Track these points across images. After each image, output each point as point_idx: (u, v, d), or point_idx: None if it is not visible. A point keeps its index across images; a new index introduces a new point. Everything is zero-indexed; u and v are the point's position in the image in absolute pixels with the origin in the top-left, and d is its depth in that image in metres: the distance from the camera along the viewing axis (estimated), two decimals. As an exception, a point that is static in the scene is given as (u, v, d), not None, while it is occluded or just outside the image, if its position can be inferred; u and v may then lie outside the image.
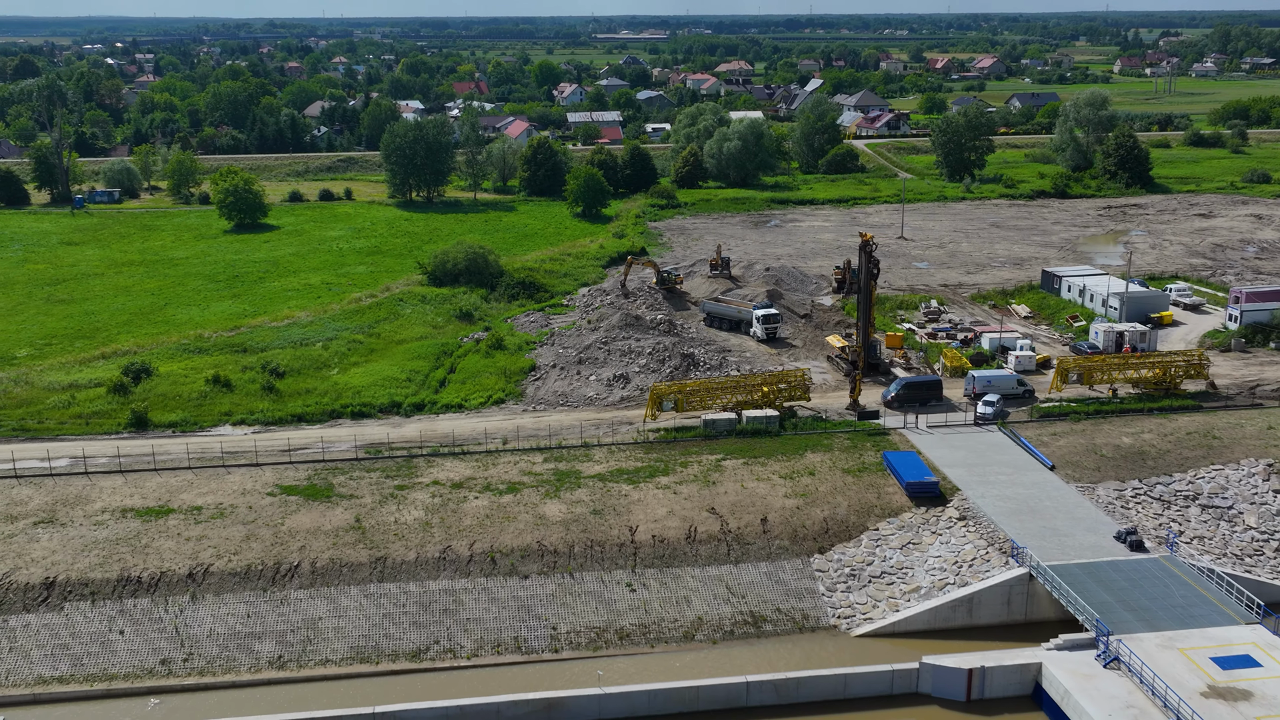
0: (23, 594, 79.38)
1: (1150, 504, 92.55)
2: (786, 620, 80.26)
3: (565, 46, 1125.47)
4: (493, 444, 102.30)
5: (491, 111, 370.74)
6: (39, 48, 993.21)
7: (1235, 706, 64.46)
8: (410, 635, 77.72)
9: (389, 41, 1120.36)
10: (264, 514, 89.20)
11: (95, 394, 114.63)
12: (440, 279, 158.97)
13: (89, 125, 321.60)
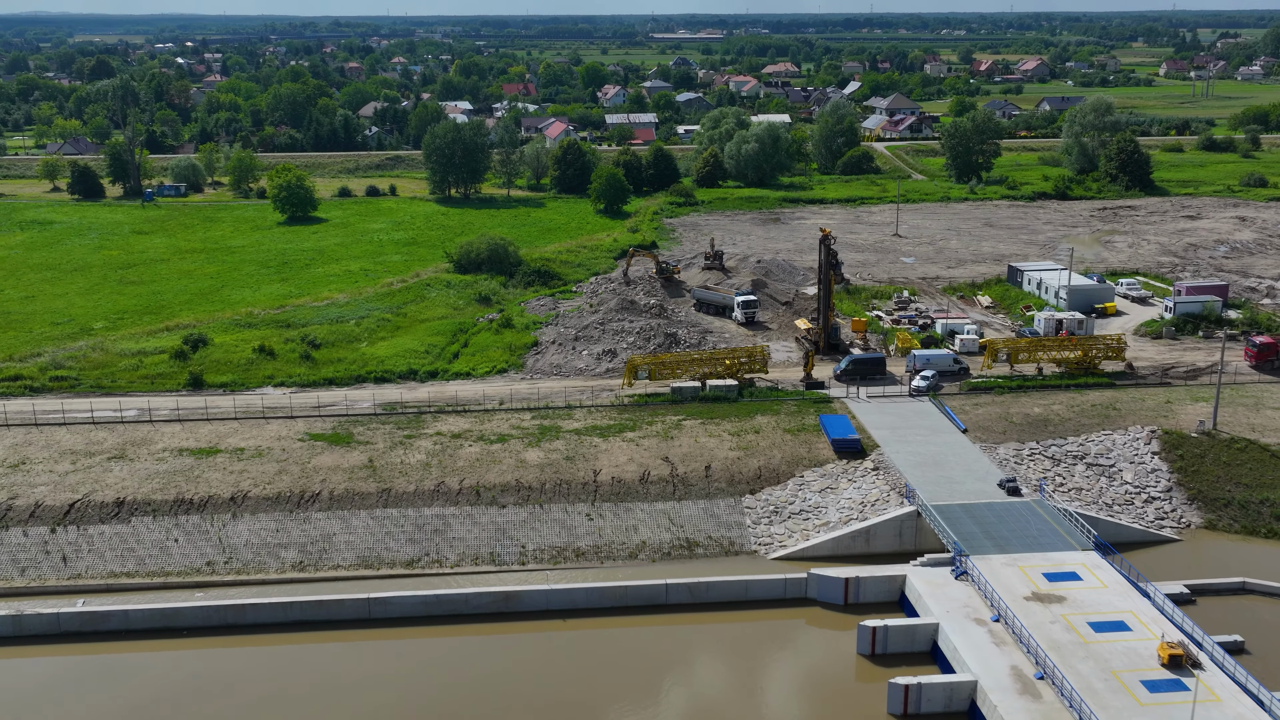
0: (99, 510, 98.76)
1: (1042, 461, 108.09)
2: (716, 546, 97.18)
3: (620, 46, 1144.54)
4: (490, 404, 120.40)
5: (535, 113, 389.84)
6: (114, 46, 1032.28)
7: (1048, 607, 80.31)
8: (405, 548, 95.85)
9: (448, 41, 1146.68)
10: (294, 454, 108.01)
11: (159, 359, 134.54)
12: (465, 267, 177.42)
13: (159, 124, 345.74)
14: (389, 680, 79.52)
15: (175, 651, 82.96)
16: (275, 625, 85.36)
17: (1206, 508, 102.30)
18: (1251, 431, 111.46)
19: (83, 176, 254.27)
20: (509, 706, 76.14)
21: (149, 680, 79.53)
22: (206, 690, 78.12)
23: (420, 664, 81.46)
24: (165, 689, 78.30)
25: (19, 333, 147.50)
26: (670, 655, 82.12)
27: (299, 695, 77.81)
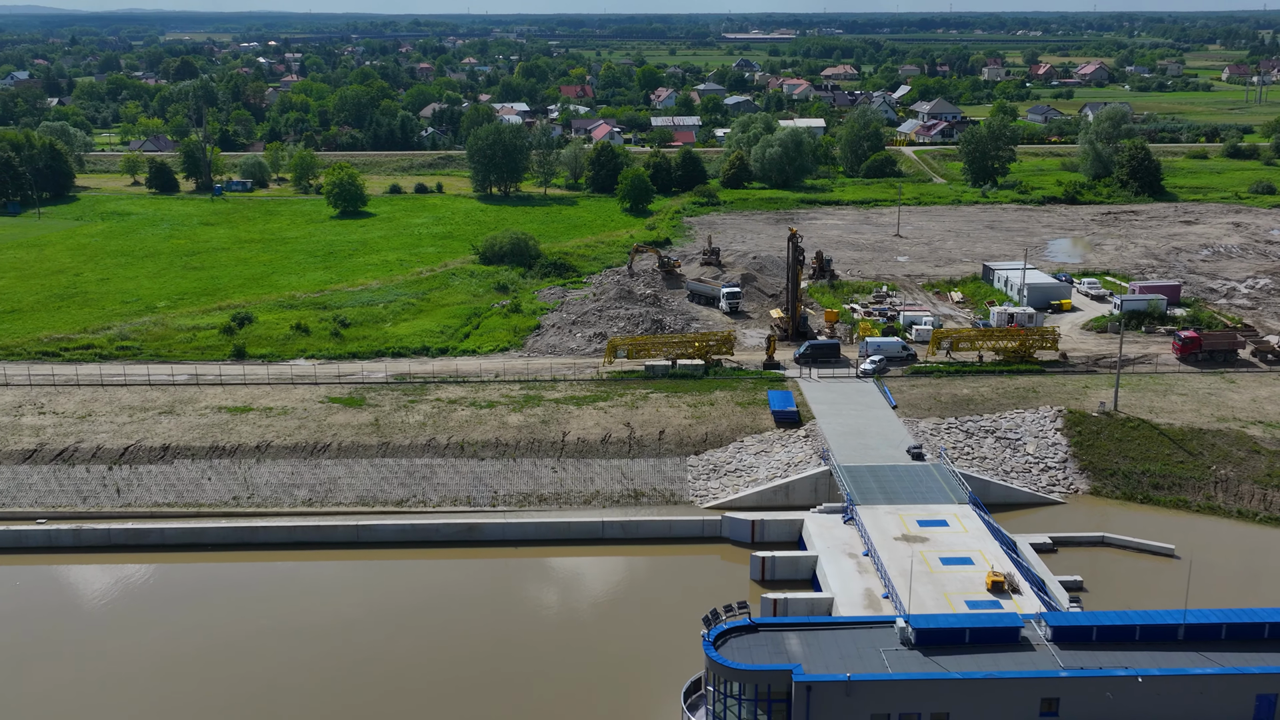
0: (148, 453, 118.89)
1: (956, 434, 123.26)
2: (658, 496, 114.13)
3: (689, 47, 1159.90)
4: (487, 377, 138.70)
5: (585, 114, 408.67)
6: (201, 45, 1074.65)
7: (911, 545, 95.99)
8: (397, 491, 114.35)
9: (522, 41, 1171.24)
10: (313, 413, 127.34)
11: (210, 334, 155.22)
12: (489, 258, 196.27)
13: (233, 123, 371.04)
14: (369, 588, 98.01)
15: (200, 564, 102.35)
16: (281, 544, 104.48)
17: (1094, 477, 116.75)
18: (1149, 413, 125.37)
19: (159, 172, 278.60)
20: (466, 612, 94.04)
21: (179, 581, 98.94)
22: (223, 589, 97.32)
23: (395, 577, 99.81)
24: (193, 588, 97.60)
25: (94, 309, 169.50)
26: (600, 575, 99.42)
27: (296, 594, 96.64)
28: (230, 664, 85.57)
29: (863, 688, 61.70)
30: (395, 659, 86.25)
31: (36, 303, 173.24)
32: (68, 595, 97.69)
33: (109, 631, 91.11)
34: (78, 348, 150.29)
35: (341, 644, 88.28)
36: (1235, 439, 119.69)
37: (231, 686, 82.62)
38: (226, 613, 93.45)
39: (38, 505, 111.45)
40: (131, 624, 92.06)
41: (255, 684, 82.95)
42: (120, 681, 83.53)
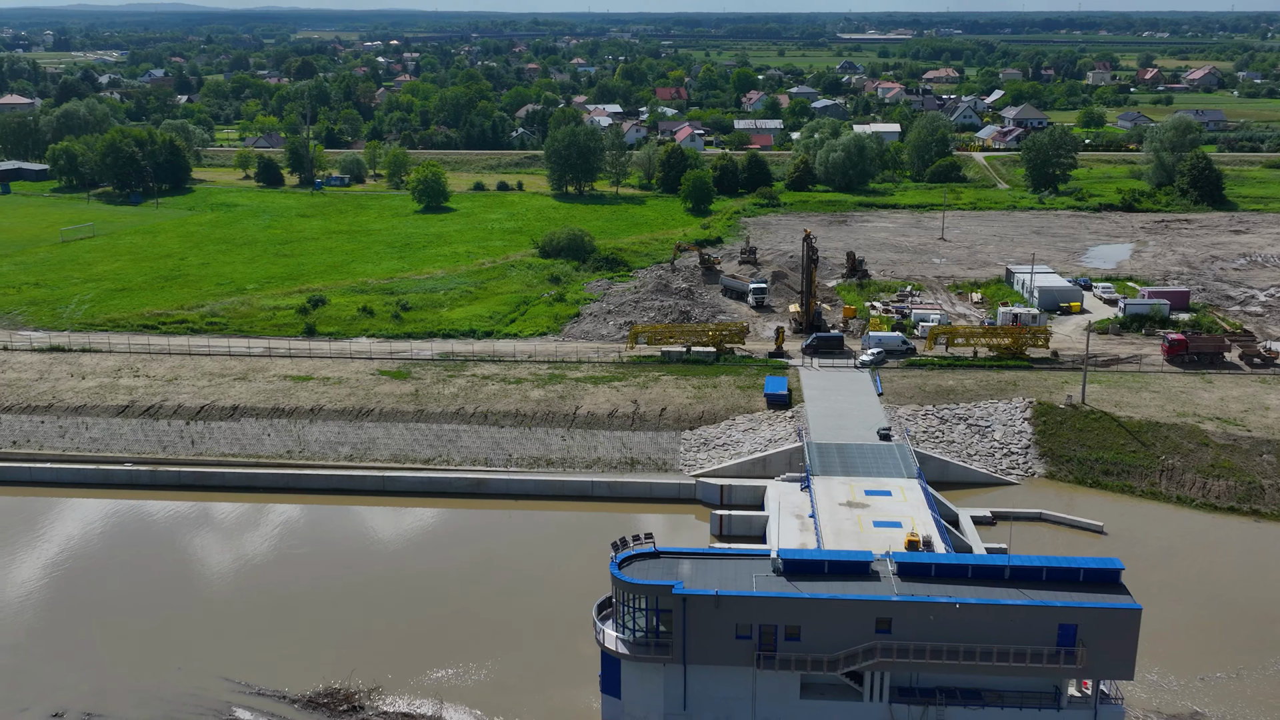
0: (220, 412, 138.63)
1: (931, 420, 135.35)
2: (652, 464, 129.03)
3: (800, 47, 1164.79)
4: (521, 357, 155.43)
5: (673, 117, 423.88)
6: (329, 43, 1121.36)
7: (853, 510, 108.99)
8: (425, 451, 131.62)
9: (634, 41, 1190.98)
10: (363, 383, 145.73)
11: (288, 313, 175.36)
12: (548, 252, 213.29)
13: (340, 122, 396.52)
14: (390, 527, 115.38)
15: (253, 503, 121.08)
16: (321, 490, 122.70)
17: (1052, 462, 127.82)
18: (1114, 407, 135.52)
19: (266, 167, 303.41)
20: (462, 547, 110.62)
21: (234, 515, 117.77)
22: (270, 523, 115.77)
23: (412, 520, 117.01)
24: (244, 521, 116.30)
25: (192, 290, 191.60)
26: (581, 526, 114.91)
27: (328, 529, 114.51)
28: (268, 578, 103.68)
29: (728, 602, 75.87)
30: (401, 578, 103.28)
31: (144, 283, 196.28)
32: (141, 523, 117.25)
33: (170, 550, 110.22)
34: (174, 322, 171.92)
35: (359, 566, 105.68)
36: (1189, 432, 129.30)
37: (267, 594, 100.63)
38: (269, 540, 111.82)
39: (125, 451, 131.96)
40: (187, 546, 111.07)
41: (286, 593, 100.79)
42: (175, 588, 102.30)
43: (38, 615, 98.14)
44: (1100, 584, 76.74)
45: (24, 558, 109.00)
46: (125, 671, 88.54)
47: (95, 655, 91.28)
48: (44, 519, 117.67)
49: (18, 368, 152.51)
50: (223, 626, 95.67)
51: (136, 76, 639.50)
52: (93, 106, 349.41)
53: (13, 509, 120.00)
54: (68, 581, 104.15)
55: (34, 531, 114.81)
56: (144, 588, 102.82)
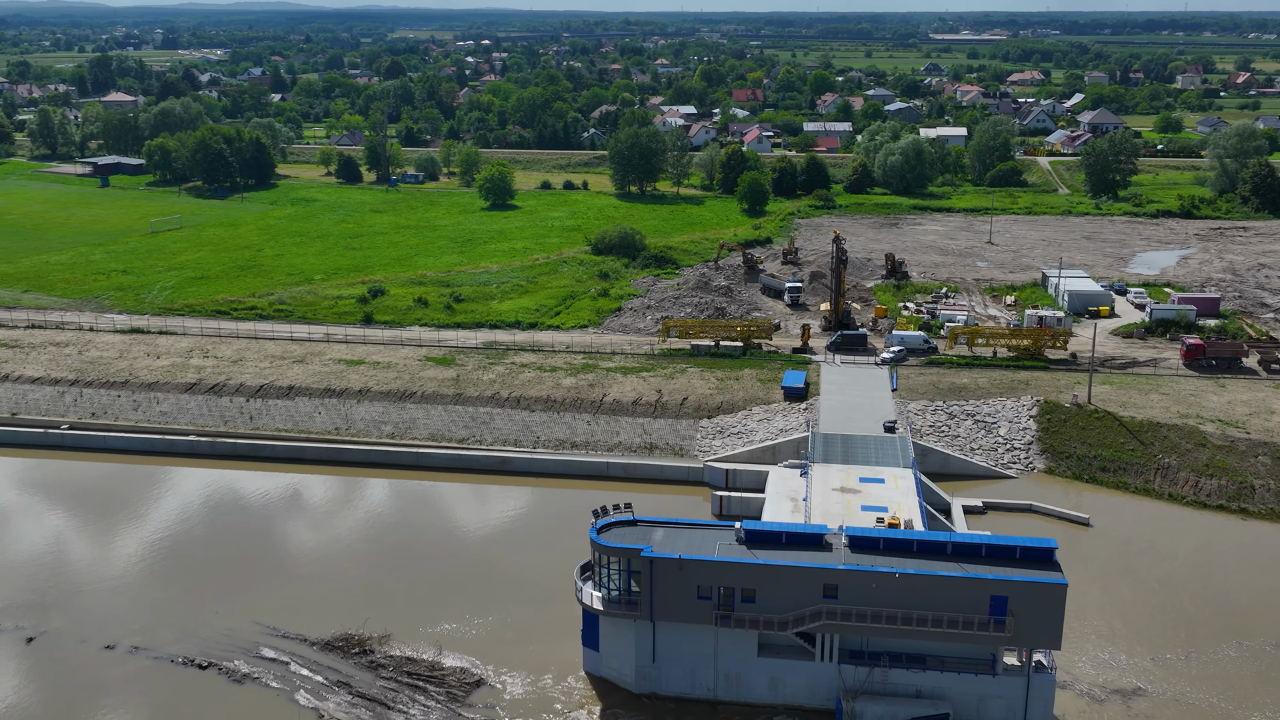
0: (277, 391, 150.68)
1: (940, 415, 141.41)
2: (669, 449, 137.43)
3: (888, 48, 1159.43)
4: (559, 348, 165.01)
5: (743, 119, 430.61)
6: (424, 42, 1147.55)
7: (844, 495, 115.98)
8: (460, 431, 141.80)
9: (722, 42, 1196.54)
10: (410, 369, 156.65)
11: (349, 302, 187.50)
12: (600, 249, 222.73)
13: (422, 121, 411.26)
14: (419, 498, 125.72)
15: (300, 474, 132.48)
16: (362, 463, 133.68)
17: (1052, 458, 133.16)
18: (1119, 407, 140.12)
19: (346, 164, 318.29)
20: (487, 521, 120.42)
21: (283, 484, 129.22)
22: (314, 491, 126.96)
23: (440, 493, 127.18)
24: (292, 490, 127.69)
25: (264, 279, 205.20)
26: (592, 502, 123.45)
27: (366, 497, 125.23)
28: (303, 538, 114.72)
29: (691, 565, 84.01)
30: (421, 542, 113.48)
31: (221, 272, 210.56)
32: (198, 488, 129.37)
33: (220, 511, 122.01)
34: (244, 308, 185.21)
35: (386, 530, 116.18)
36: (1188, 433, 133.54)
37: (300, 551, 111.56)
38: (309, 506, 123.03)
39: (190, 424, 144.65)
40: (235, 507, 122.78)
41: (317, 551, 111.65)
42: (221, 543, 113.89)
43: (103, 563, 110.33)
44: (1035, 561, 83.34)
45: (95, 514, 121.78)
46: (170, 612, 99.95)
47: (147, 598, 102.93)
48: (114, 482, 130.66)
49: (101, 347, 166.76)
50: (259, 577, 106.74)
51: (236, 75, 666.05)
52: (188, 105, 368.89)
53: (88, 473, 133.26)
54: (130, 535, 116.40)
55: (105, 492, 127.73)
56: (194, 542, 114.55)
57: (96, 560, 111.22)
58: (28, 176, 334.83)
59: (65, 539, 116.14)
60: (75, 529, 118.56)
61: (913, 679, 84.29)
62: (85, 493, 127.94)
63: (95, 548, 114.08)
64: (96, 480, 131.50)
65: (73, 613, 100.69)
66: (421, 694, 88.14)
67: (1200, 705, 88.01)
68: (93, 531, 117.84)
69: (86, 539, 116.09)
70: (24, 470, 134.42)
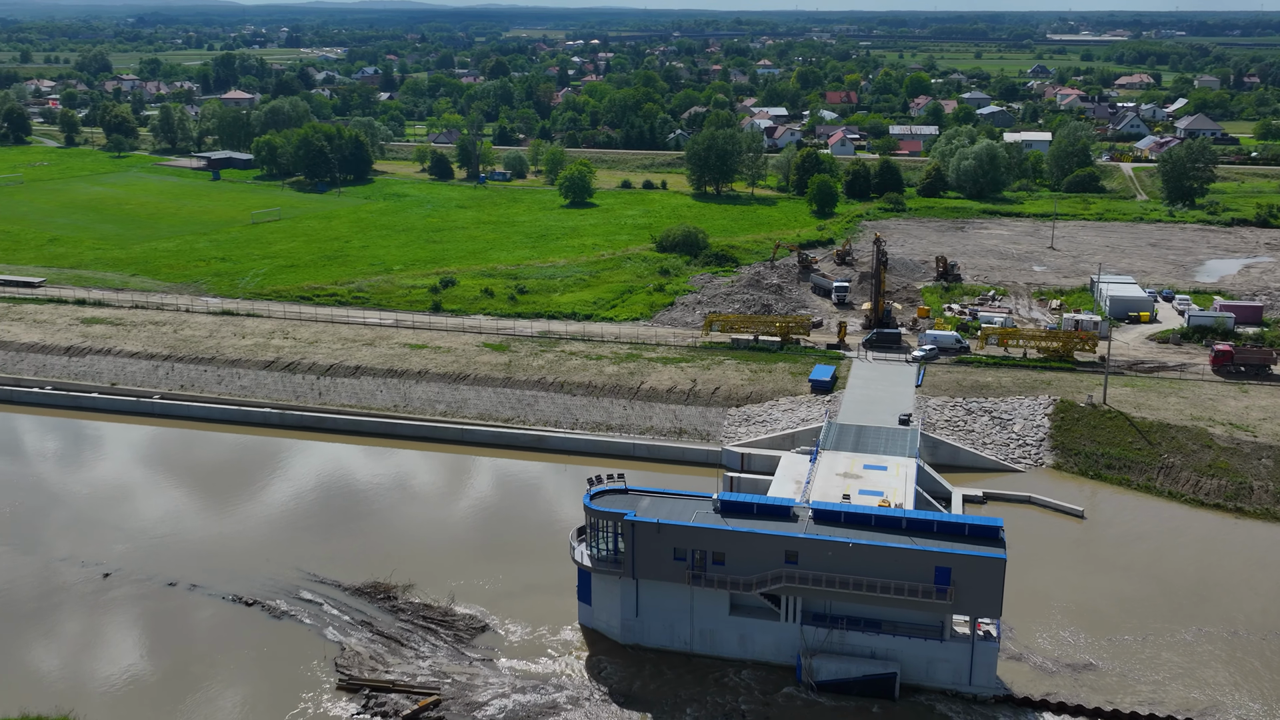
0: (345, 370, 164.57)
1: (958, 411, 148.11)
2: (697, 434, 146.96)
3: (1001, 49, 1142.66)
4: (608, 338, 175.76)
5: (831, 121, 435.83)
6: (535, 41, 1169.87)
7: (845, 479, 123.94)
8: (506, 412, 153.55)
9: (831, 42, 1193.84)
10: (467, 354, 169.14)
11: (421, 291, 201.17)
12: (664, 247, 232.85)
13: (516, 121, 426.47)
14: (460, 470, 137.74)
15: (359, 445, 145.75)
16: (414, 437, 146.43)
17: (1061, 454, 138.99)
18: (1133, 408, 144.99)
19: (438, 162, 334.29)
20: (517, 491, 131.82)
21: (342, 453, 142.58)
22: (368, 460, 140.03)
23: (480, 465, 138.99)
24: (350, 459, 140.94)
25: (347, 268, 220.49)
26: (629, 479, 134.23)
27: (413, 467, 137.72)
28: (350, 499, 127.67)
29: (667, 529, 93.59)
30: (453, 507, 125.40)
31: (310, 261, 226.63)
32: (268, 453, 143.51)
33: (282, 474, 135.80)
34: (326, 295, 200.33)
35: (424, 495, 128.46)
36: (1195, 435, 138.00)
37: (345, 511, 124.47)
38: (361, 472, 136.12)
39: (265, 398, 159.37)
40: (296, 472, 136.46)
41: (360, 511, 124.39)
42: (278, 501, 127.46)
43: (176, 515, 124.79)
44: (981, 538, 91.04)
45: (175, 474, 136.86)
46: (226, 559, 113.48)
47: (209, 545, 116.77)
48: (196, 447, 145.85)
49: (194, 326, 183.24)
50: (307, 532, 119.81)
51: (351, 74, 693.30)
52: (295, 104, 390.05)
53: (174, 438, 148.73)
54: (202, 492, 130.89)
55: (187, 455, 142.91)
56: (255, 500, 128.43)
57: (172, 512, 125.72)
58: (148, 169, 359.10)
59: (147, 494, 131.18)
60: (156, 486, 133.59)
61: (868, 641, 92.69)
62: (169, 456, 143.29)
63: (172, 502, 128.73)
64: (180, 445, 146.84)
65: (146, 555, 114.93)
66: (433, 635, 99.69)
67: (1142, 681, 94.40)
68: (171, 488, 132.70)
69: (165, 495, 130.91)
70: (118, 434, 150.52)
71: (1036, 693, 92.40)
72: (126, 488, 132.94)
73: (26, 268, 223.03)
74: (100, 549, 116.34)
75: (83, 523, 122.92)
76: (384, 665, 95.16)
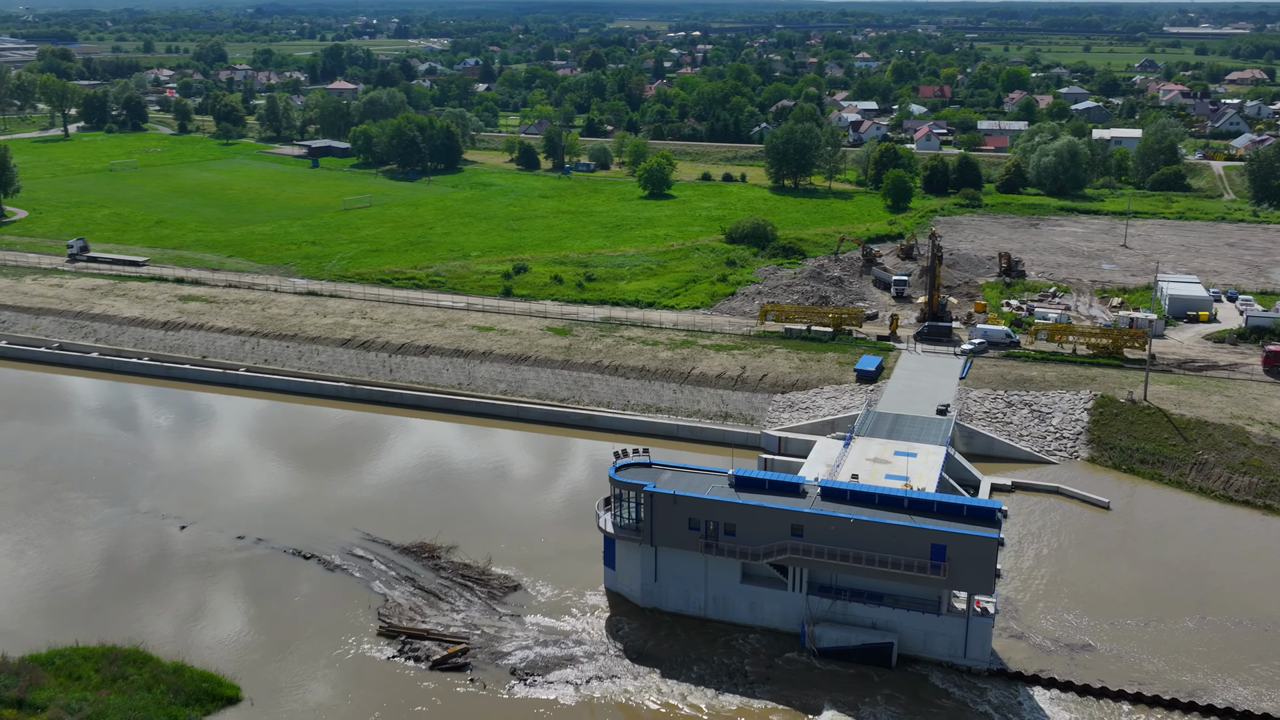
0: (415, 349, 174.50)
1: (999, 403, 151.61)
2: (741, 418, 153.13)
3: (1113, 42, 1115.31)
4: (666, 325, 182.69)
5: (918, 116, 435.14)
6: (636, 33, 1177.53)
7: (875, 463, 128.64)
8: (562, 392, 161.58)
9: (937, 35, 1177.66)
10: (530, 337, 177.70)
11: (494, 277, 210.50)
12: (733, 238, 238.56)
13: (606, 113, 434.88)
14: (513, 444, 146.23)
15: (423, 419, 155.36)
16: (475, 413, 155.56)
17: (1097, 448, 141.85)
18: (1173, 405, 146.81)
19: (525, 152, 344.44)
20: (563, 466, 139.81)
21: (406, 425, 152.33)
22: (430, 433, 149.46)
23: (532, 441, 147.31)
24: (413, 431, 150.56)
25: (427, 253, 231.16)
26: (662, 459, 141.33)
27: (470, 439, 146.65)
28: (408, 467, 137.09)
29: (683, 501, 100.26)
30: (500, 477, 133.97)
31: (394, 246, 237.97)
32: (341, 424, 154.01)
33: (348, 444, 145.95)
34: (405, 278, 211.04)
35: (475, 465, 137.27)
36: (1232, 433, 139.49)
37: (402, 477, 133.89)
38: (421, 444, 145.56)
39: (340, 373, 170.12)
40: (363, 442, 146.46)
41: (414, 479, 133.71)
42: (342, 466, 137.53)
43: (250, 476, 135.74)
44: (977, 519, 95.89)
45: (254, 439, 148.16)
46: (291, 516, 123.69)
47: (274, 505, 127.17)
48: (274, 416, 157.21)
49: (280, 305, 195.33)
50: (366, 495, 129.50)
51: (453, 65, 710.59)
52: (393, 95, 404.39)
53: (255, 407, 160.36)
54: (276, 456, 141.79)
55: (267, 423, 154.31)
56: (321, 464, 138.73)
57: (246, 475, 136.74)
58: (252, 156, 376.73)
59: (226, 458, 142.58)
60: (235, 451, 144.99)
61: (869, 613, 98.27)
62: (248, 424, 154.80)
63: (247, 465, 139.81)
64: (259, 414, 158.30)
65: (219, 511, 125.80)
66: (469, 592, 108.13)
67: (1137, 663, 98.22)
68: (248, 453, 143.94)
69: (242, 459, 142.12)
70: (207, 403, 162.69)
71: (1030, 669, 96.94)
72: (208, 451, 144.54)
73: (133, 247, 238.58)
74: (180, 505, 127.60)
75: (166, 481, 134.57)
76: (421, 616, 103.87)
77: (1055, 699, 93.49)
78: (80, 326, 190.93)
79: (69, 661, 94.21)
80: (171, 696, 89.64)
